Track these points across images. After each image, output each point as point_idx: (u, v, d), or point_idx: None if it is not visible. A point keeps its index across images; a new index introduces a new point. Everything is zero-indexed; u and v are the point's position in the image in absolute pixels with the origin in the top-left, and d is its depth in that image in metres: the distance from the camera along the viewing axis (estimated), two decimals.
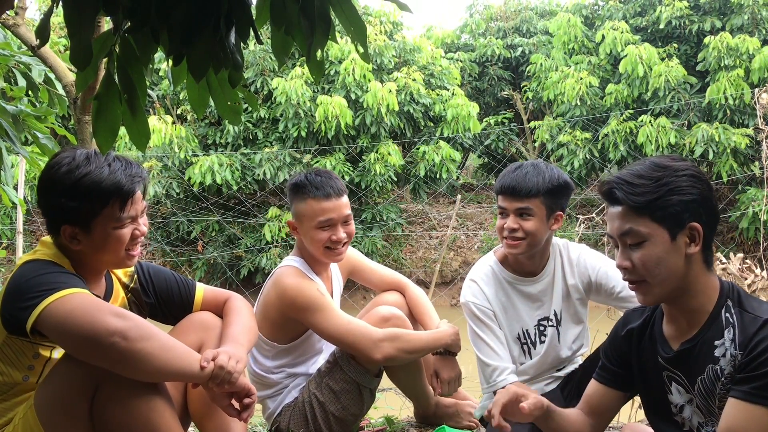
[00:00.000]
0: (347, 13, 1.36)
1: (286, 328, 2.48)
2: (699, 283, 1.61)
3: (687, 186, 1.56)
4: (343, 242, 2.45)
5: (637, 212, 1.58)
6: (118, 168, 1.81)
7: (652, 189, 1.56)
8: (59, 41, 10.54)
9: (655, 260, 1.57)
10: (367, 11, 12.88)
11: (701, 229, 1.57)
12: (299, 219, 2.48)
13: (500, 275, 2.44)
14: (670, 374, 1.68)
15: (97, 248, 1.82)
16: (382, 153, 11.17)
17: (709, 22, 12.23)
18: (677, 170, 1.58)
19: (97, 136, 1.35)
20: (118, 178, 1.79)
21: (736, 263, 3.94)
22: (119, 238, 1.82)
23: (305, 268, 2.48)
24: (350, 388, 2.43)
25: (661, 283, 1.59)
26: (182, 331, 1.99)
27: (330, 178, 2.47)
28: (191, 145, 11.16)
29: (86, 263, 1.86)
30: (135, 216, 1.85)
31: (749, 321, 1.54)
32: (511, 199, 2.30)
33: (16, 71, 2.96)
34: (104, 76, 1.33)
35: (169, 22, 1.23)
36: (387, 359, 2.36)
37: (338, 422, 2.45)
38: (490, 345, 2.37)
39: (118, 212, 1.79)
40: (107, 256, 1.85)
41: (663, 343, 1.69)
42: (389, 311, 2.48)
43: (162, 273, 2.10)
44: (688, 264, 1.58)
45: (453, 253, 12.43)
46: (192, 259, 11.59)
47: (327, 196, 2.42)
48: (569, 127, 12.12)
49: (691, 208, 1.56)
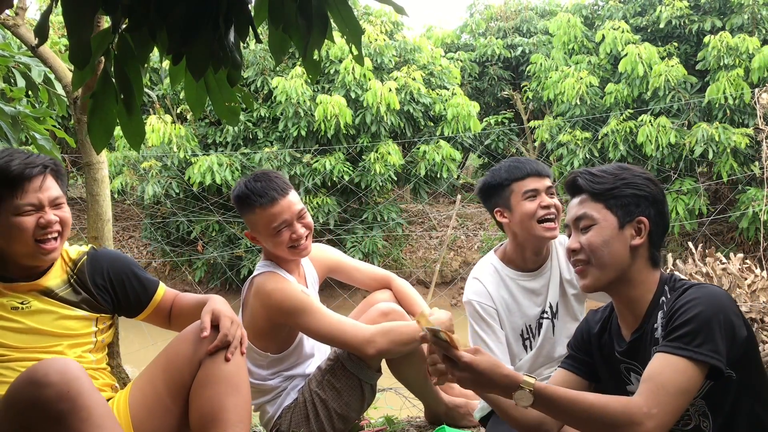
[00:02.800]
0: (343, 14, 1.37)
1: (276, 335, 2.48)
2: (641, 275, 1.73)
3: (642, 184, 1.74)
4: (304, 237, 2.44)
5: (593, 198, 1.75)
6: (15, 158, 1.86)
7: (610, 180, 1.75)
8: (59, 41, 10.53)
9: (600, 242, 1.72)
10: (368, 11, 12.88)
11: (648, 223, 1.72)
12: (255, 229, 2.48)
13: (502, 272, 2.45)
14: (627, 366, 1.78)
15: (4, 237, 1.87)
16: (382, 152, 11.16)
17: (709, 21, 12.21)
18: (636, 171, 1.77)
19: (92, 134, 1.34)
20: (8, 165, 1.83)
21: (736, 263, 3.93)
22: (20, 225, 1.85)
23: (278, 270, 2.47)
24: (352, 384, 2.43)
25: (601, 267, 1.72)
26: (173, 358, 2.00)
27: (270, 181, 2.43)
28: (191, 145, 11.15)
29: (5, 257, 1.90)
30: (38, 204, 1.87)
31: (676, 293, 1.67)
32: (539, 178, 2.39)
33: (15, 71, 2.96)
34: (100, 74, 1.32)
35: (169, 20, 1.23)
36: (381, 353, 2.37)
37: (340, 419, 2.45)
38: (489, 346, 2.38)
39: (15, 198, 1.83)
40: (17, 247, 1.88)
41: (618, 337, 1.80)
42: (388, 306, 2.49)
43: (119, 268, 2.12)
44: (632, 256, 1.72)
45: (453, 253, 12.43)
46: (192, 259, 11.58)
47: (272, 201, 2.40)
48: (569, 127, 12.11)
49: (642, 203, 1.73)
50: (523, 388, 1.56)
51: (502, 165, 2.46)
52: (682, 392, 1.52)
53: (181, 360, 1.94)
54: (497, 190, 2.42)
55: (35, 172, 1.86)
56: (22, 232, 1.85)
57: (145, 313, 2.18)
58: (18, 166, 1.83)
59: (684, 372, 1.53)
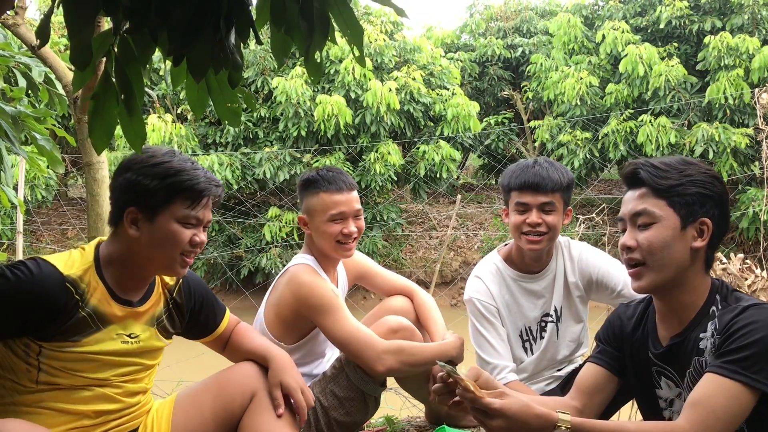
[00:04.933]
0: (345, 15, 1.36)
1: (296, 326, 2.47)
2: (695, 279, 1.64)
3: (708, 182, 1.62)
4: (353, 236, 2.46)
5: (655, 194, 1.63)
6: (200, 168, 1.83)
7: (675, 176, 1.62)
8: (59, 41, 10.54)
9: (660, 243, 1.61)
10: (368, 11, 12.88)
11: (711, 225, 1.61)
12: (310, 213, 2.48)
13: (505, 273, 2.45)
14: (659, 369, 1.71)
15: (154, 241, 1.77)
16: (382, 152, 11.16)
17: (709, 21, 12.22)
18: (702, 168, 1.65)
19: (93, 135, 1.34)
20: (197, 175, 1.80)
21: (736, 263, 3.93)
22: (179, 235, 1.78)
23: (315, 266, 2.47)
24: (355, 396, 2.41)
25: (659, 269, 1.62)
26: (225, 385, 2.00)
27: (341, 173, 2.50)
28: (191, 145, 11.16)
29: (135, 262, 1.81)
30: (201, 221, 1.83)
31: (731, 309, 1.57)
32: (534, 193, 2.31)
33: (16, 71, 2.96)
34: (101, 75, 1.32)
35: (169, 22, 1.23)
36: (389, 371, 2.34)
37: (341, 427, 2.43)
38: (492, 343, 2.37)
39: (187, 208, 1.78)
40: (161, 255, 1.80)
41: (654, 339, 1.72)
42: (398, 322, 2.45)
43: (202, 292, 2.07)
44: (691, 258, 1.62)
45: (453, 253, 12.43)
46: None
47: (339, 190, 2.44)
48: (569, 127, 12.12)
49: (707, 203, 1.61)
50: (560, 427, 1.48)
51: (514, 166, 2.42)
52: (732, 418, 1.46)
53: (234, 388, 1.94)
54: (503, 191, 2.43)
55: (215, 193, 1.84)
56: (178, 243, 1.79)
57: (208, 338, 2.13)
58: (206, 182, 1.81)
59: (737, 397, 1.46)
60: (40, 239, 12.16)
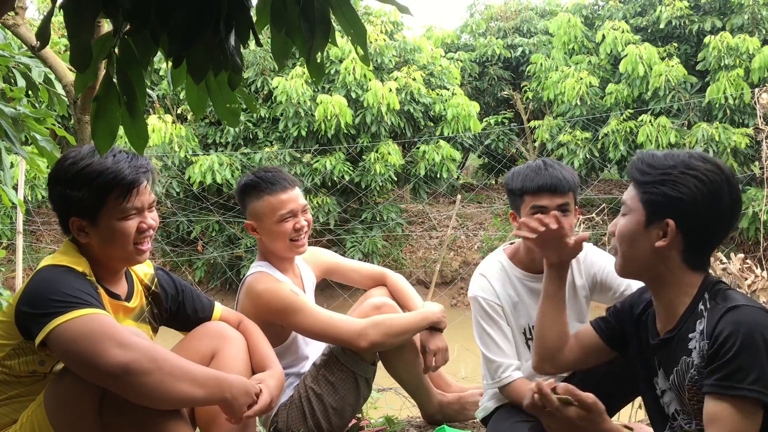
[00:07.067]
0: (347, 15, 1.36)
1: (269, 334, 2.49)
2: (675, 276, 1.62)
3: (682, 184, 1.56)
4: (304, 230, 2.49)
5: (635, 186, 1.65)
6: (121, 159, 1.82)
7: (652, 172, 1.61)
8: (60, 41, 10.54)
9: (626, 234, 1.65)
10: (368, 11, 12.88)
11: (674, 227, 1.57)
12: (258, 218, 2.49)
13: (510, 272, 2.44)
14: (659, 360, 1.72)
15: (104, 241, 1.82)
16: (382, 152, 11.16)
17: (710, 21, 12.23)
18: (689, 167, 1.57)
19: (96, 137, 1.34)
20: (121, 168, 1.80)
21: (736, 263, 3.93)
22: (125, 230, 1.82)
23: (272, 271, 2.49)
24: (347, 378, 2.46)
25: (625, 258, 1.67)
26: (196, 338, 2.00)
27: (280, 172, 2.52)
28: (191, 145, 11.16)
29: (99, 260, 1.86)
30: (141, 208, 1.85)
31: (716, 311, 1.54)
32: (552, 195, 2.27)
33: (16, 71, 2.96)
34: (103, 78, 1.32)
35: (169, 24, 1.23)
36: (374, 346, 2.39)
37: (336, 414, 2.47)
38: (496, 341, 2.36)
39: (122, 203, 1.80)
40: (116, 251, 1.85)
41: (653, 328, 1.73)
42: (381, 300, 2.52)
43: (182, 284, 2.11)
44: (657, 257, 1.61)
45: (453, 253, 12.42)
46: (192, 259, 11.59)
47: (283, 189, 2.46)
48: (569, 127, 12.12)
49: (675, 206, 1.57)
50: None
51: (521, 169, 2.36)
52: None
53: (192, 357, 1.92)
54: (512, 195, 2.40)
55: (145, 177, 1.85)
56: (126, 236, 1.82)
57: None
58: (131, 172, 1.81)
59: (741, 412, 1.45)
60: (40, 239, 12.16)
